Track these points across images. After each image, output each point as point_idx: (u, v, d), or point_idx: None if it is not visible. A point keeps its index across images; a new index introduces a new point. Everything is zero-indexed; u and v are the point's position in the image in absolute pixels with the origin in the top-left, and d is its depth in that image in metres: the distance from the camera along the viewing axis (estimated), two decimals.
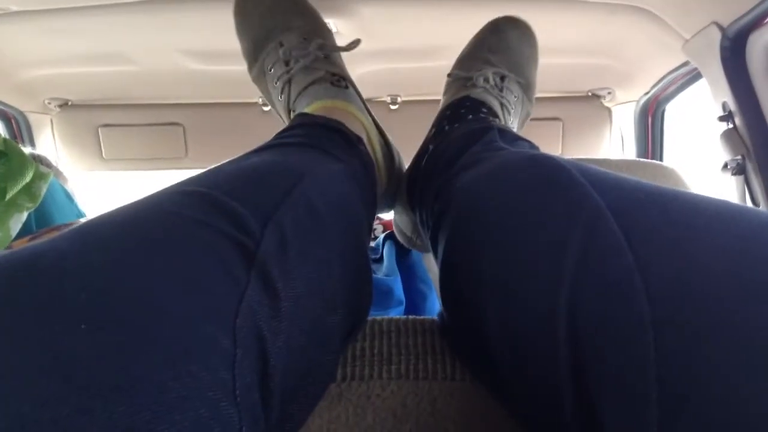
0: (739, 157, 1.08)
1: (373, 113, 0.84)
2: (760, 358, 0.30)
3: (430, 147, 0.76)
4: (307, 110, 0.75)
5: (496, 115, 0.79)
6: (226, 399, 0.32)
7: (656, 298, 0.33)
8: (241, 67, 0.92)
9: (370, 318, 0.60)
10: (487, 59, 0.87)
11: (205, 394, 0.31)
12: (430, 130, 0.83)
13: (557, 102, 1.86)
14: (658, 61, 1.48)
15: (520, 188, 0.48)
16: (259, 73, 0.89)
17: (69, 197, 1.22)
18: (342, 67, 0.83)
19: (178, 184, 0.45)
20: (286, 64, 0.80)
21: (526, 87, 0.90)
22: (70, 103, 1.83)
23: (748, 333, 0.30)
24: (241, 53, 0.91)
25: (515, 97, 0.85)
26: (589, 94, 1.85)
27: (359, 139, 0.70)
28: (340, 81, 0.78)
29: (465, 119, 0.77)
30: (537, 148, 0.66)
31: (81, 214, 1.25)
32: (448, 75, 0.92)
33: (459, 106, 0.80)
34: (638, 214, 0.39)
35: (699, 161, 1.59)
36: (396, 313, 1.13)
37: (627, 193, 0.42)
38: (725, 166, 1.12)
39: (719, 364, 0.30)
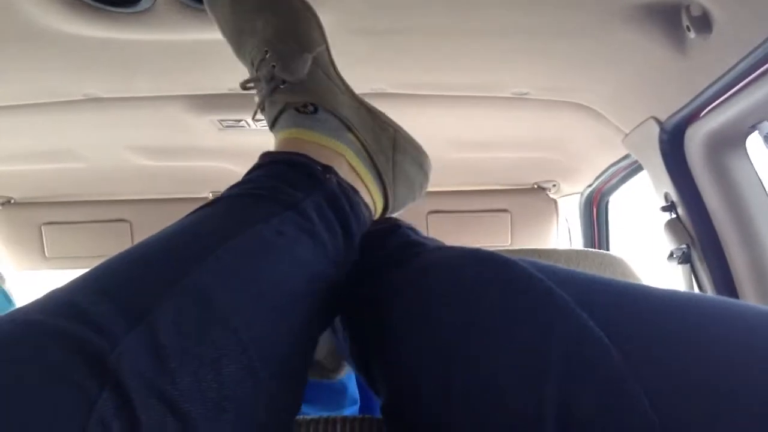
0: (684, 246, 1.11)
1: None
2: None
3: None
4: (277, 139, 0.71)
5: None
6: None
7: (655, 399, 0.32)
8: (190, 162, 0.91)
9: (324, 417, 0.56)
10: None
11: None
12: None
13: (505, 194, 1.90)
14: (600, 155, 1.53)
15: (474, 292, 0.45)
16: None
17: (7, 299, 1.17)
18: (309, 90, 0.73)
19: (70, 284, 0.42)
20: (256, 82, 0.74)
21: None
22: (12, 201, 1.79)
23: None
24: (189, 149, 0.86)
25: None
26: (535, 186, 1.89)
27: (327, 169, 0.64)
28: (306, 107, 0.71)
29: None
30: None
31: None
32: None
33: None
34: (609, 308, 0.38)
35: (647, 250, 1.62)
36: (350, 413, 1.09)
37: (585, 286, 0.41)
38: (671, 255, 1.14)
39: None
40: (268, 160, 0.65)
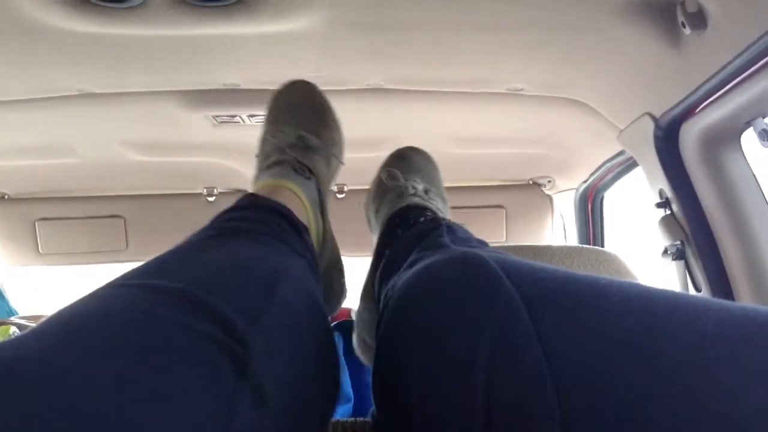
0: (678, 242, 1.11)
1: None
2: None
3: (386, 252, 0.76)
4: (267, 180, 0.75)
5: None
6: None
7: (565, 392, 0.33)
8: (184, 158, 0.91)
9: None
10: (408, 177, 0.90)
11: None
12: (381, 238, 0.82)
13: (500, 190, 1.90)
14: (595, 151, 1.53)
15: (443, 284, 0.48)
16: None
17: (0, 294, 1.16)
18: (315, 164, 0.82)
19: (137, 276, 0.42)
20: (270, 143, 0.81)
21: (444, 200, 0.93)
22: (6, 197, 1.78)
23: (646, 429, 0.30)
24: (183, 145, 0.88)
25: (439, 208, 0.87)
26: (530, 182, 1.90)
27: (306, 229, 0.69)
28: (303, 170, 0.77)
29: (416, 222, 0.78)
30: (485, 244, 0.67)
31: (12, 312, 1.19)
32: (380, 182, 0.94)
33: (406, 213, 0.81)
34: (550, 304, 0.39)
35: (642, 246, 1.62)
36: (344, 410, 1.09)
37: (542, 282, 0.42)
38: (665, 251, 1.14)
39: None
40: (255, 203, 0.68)
